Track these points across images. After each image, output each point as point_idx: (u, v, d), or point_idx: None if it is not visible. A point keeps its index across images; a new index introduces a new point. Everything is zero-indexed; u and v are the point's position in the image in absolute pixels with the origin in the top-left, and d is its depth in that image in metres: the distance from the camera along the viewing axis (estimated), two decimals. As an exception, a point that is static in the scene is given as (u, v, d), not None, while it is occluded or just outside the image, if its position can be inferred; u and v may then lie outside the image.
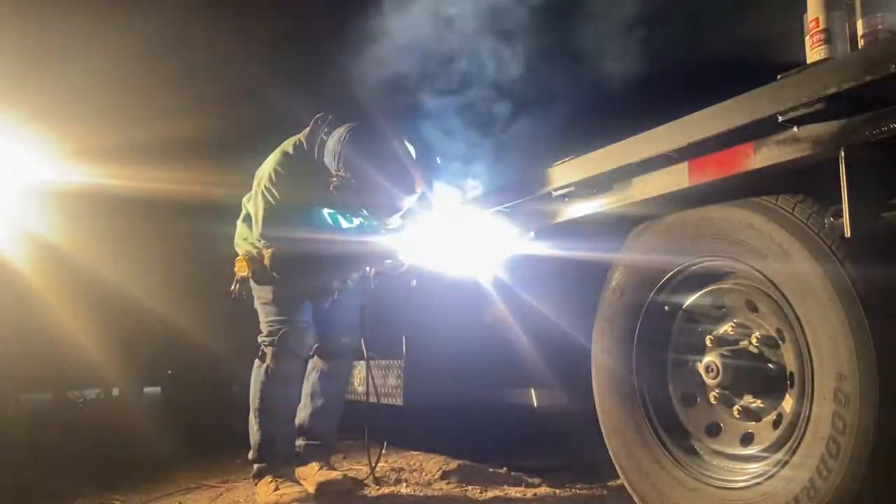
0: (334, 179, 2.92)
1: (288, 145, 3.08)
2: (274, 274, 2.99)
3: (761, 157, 1.83)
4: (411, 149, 3.06)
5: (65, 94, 4.34)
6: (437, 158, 3.33)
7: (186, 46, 4.68)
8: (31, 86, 4.44)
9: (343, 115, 3.07)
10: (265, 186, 2.96)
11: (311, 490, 3.05)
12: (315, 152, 3.01)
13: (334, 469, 3.27)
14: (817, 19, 1.89)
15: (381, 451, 3.30)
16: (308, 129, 3.08)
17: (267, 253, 2.98)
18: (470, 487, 3.16)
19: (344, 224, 3.20)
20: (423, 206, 3.09)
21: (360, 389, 3.65)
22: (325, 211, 3.13)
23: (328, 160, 2.97)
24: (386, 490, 3.16)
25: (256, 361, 3.15)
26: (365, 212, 3.09)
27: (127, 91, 4.71)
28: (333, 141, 2.95)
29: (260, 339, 3.16)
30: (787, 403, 2.01)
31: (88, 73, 4.40)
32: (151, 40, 4.52)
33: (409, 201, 3.01)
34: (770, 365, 2.07)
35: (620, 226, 2.40)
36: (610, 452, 2.47)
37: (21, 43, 4.44)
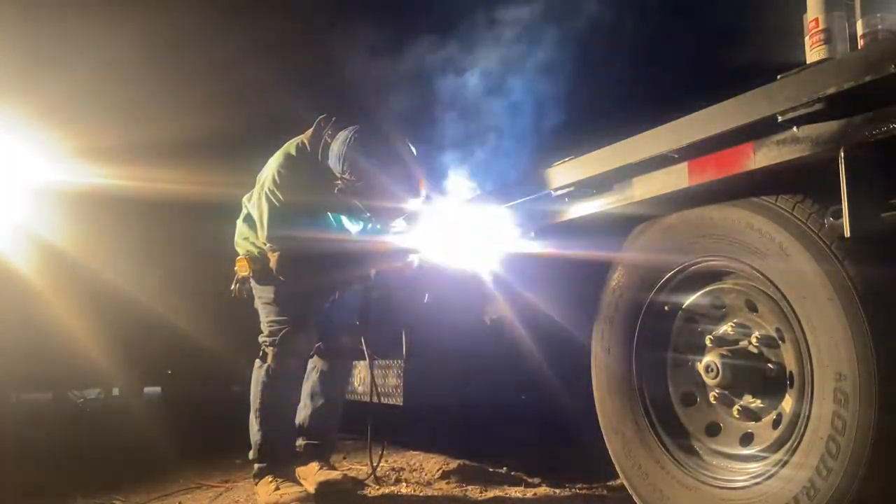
0: (339, 182, 2.91)
1: (291, 147, 3.06)
2: (280, 277, 2.99)
3: (761, 157, 1.83)
4: (414, 151, 3.06)
5: (66, 93, 4.34)
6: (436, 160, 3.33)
7: (189, 46, 4.68)
8: (32, 85, 4.44)
9: (346, 117, 3.07)
10: (268, 189, 2.94)
11: (312, 490, 3.05)
12: (318, 154, 3.00)
13: (334, 469, 3.27)
14: (817, 19, 1.89)
15: (381, 451, 3.30)
16: (311, 130, 3.07)
17: (273, 256, 2.96)
18: (470, 487, 3.16)
19: (348, 226, 3.20)
20: (427, 209, 3.08)
21: (360, 389, 3.66)
22: (330, 213, 3.13)
23: (333, 163, 2.95)
24: (386, 490, 3.16)
25: (257, 361, 3.15)
26: (369, 214, 3.08)
27: (128, 91, 4.71)
28: (338, 143, 2.93)
29: (261, 338, 3.16)
30: (787, 403, 2.01)
31: (90, 72, 4.40)
32: (154, 40, 4.53)
33: (413, 204, 3.00)
34: (770, 365, 2.07)
35: (620, 226, 2.40)
36: (610, 452, 2.47)
37: (23, 42, 4.44)
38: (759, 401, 2.09)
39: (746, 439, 2.12)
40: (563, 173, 2.38)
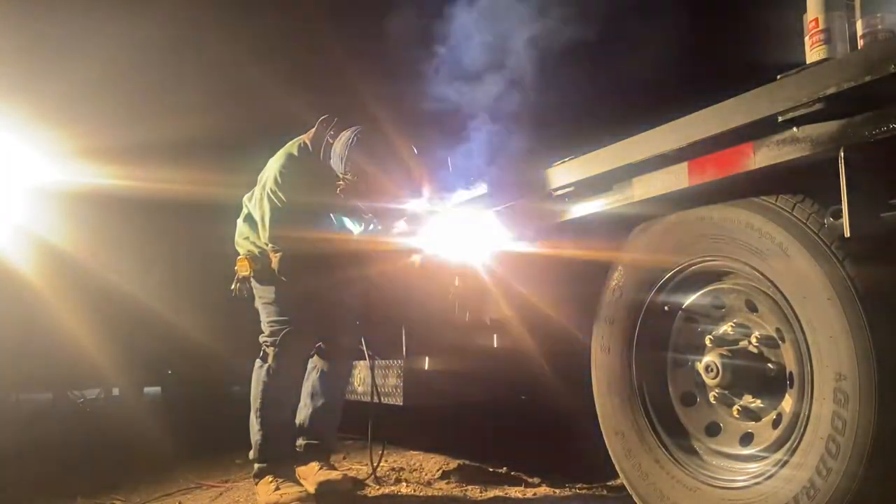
0: (341, 183, 2.92)
1: (292, 147, 3.07)
2: (282, 277, 2.99)
3: (761, 157, 1.83)
4: (416, 151, 3.06)
5: (66, 93, 4.34)
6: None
7: (190, 45, 4.68)
8: (32, 85, 4.44)
9: (348, 117, 3.07)
10: (270, 189, 2.95)
11: (312, 490, 3.05)
12: (320, 154, 3.01)
13: (334, 469, 3.27)
14: (817, 19, 1.89)
15: (381, 451, 3.30)
16: (313, 130, 3.08)
17: (275, 257, 2.97)
18: (470, 487, 3.16)
19: (350, 226, 3.20)
20: (429, 210, 3.09)
21: (360, 389, 3.65)
22: (331, 214, 3.13)
23: (335, 163, 2.96)
24: (386, 490, 3.16)
25: (258, 361, 3.15)
26: (371, 215, 3.09)
27: (129, 90, 4.71)
28: (340, 144, 2.95)
29: (261, 338, 3.16)
30: (787, 403, 2.01)
31: (91, 72, 4.40)
32: (154, 39, 4.53)
33: (415, 205, 3.01)
34: (770, 365, 2.07)
35: (620, 226, 2.40)
36: (610, 452, 2.47)
37: (23, 42, 4.44)
38: (758, 401, 2.09)
39: (746, 439, 2.12)
40: (563, 173, 2.39)
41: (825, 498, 1.79)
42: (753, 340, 2.11)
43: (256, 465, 3.13)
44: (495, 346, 3.12)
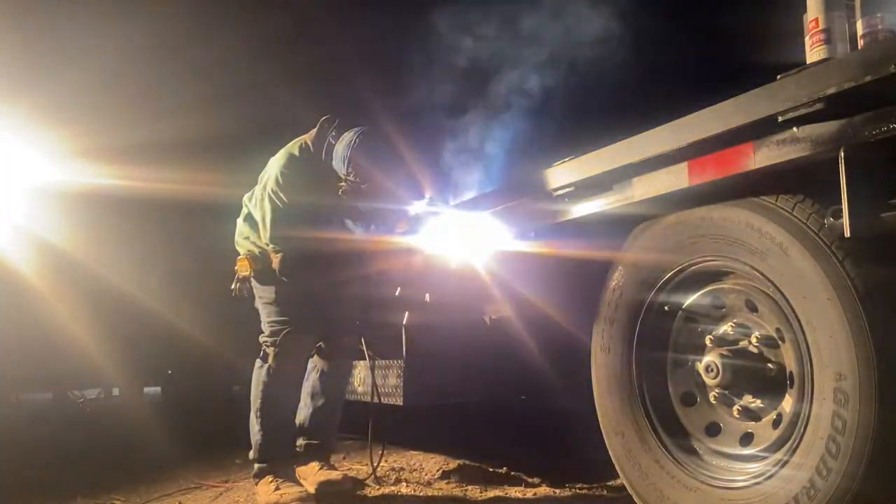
0: (343, 184, 2.92)
1: (294, 147, 3.07)
2: (283, 277, 2.99)
3: (761, 157, 1.83)
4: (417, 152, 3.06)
5: (66, 93, 4.34)
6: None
7: (190, 45, 4.68)
8: (33, 85, 4.44)
9: (350, 118, 3.07)
10: (272, 189, 2.95)
11: (312, 490, 3.05)
12: (322, 155, 3.01)
13: (334, 469, 3.27)
14: (817, 19, 1.89)
15: (381, 451, 3.30)
16: (314, 130, 3.07)
17: (276, 257, 2.96)
18: (470, 487, 3.16)
19: (351, 227, 3.20)
20: (431, 211, 3.08)
21: (360, 389, 3.66)
22: (333, 214, 3.13)
23: (337, 164, 2.96)
24: (386, 490, 3.16)
25: (258, 361, 3.15)
26: (372, 216, 3.09)
27: (129, 90, 4.71)
28: (343, 145, 2.94)
29: (261, 338, 3.16)
30: (787, 403, 2.01)
31: (91, 72, 4.40)
32: (154, 39, 4.53)
33: (417, 206, 3.01)
34: (770, 365, 2.07)
35: (620, 226, 2.40)
36: (610, 452, 2.47)
37: (23, 42, 4.44)
38: (759, 401, 2.09)
39: (746, 439, 2.12)
40: (563, 173, 2.39)
41: (825, 498, 1.78)
42: (753, 340, 2.11)
43: (256, 465, 3.13)
44: (495, 346, 3.12)
